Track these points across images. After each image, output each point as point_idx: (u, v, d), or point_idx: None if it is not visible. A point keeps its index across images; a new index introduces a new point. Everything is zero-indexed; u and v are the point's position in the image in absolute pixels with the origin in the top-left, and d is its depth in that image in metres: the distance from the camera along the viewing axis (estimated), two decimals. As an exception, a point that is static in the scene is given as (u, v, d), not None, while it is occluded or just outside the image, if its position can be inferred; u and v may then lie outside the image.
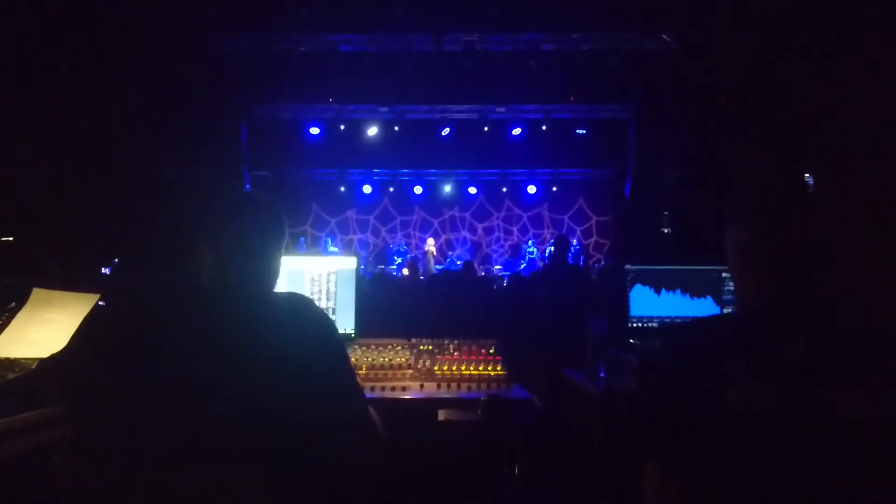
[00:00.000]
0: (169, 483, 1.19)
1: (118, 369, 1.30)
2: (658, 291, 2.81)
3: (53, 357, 1.81)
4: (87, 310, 2.21)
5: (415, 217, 13.28)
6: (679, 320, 2.77)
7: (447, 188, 12.97)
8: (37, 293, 2.18)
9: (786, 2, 6.16)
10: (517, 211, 13.30)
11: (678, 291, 2.80)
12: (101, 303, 2.29)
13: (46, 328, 2.15)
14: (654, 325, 2.79)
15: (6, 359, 2.03)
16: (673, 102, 8.55)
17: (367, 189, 12.82)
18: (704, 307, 2.76)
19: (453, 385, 2.31)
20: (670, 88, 8.51)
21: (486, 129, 10.70)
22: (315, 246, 12.31)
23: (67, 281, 2.44)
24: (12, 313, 2.11)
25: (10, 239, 3.01)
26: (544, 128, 10.62)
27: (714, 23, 7.25)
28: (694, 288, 2.79)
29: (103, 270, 5.79)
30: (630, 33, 8.45)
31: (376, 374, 2.36)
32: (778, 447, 1.15)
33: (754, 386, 1.17)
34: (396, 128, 10.71)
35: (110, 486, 1.19)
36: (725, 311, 2.71)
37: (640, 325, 2.80)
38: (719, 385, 1.19)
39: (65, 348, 1.52)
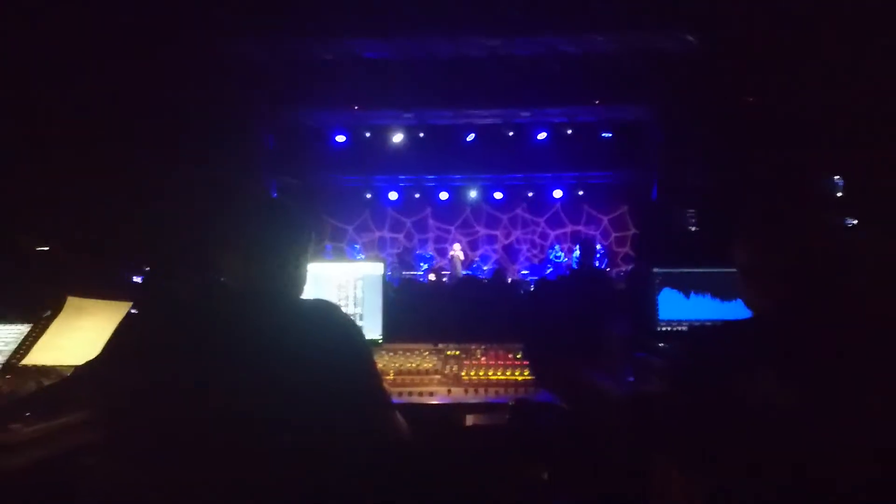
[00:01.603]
0: (197, 483, 1.20)
1: (150, 374, 1.33)
2: (687, 295, 2.78)
3: (88, 364, 1.84)
4: (119, 317, 2.25)
5: (440, 222, 13.29)
6: (709, 323, 2.73)
7: (472, 193, 12.96)
8: (71, 301, 2.23)
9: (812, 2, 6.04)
10: (543, 215, 13.20)
11: (707, 295, 2.77)
12: (133, 310, 2.33)
13: (80, 336, 2.20)
14: (684, 328, 2.76)
15: (42, 366, 2.08)
16: (698, 103, 8.43)
17: (392, 195, 12.87)
18: (734, 310, 2.72)
19: (480, 390, 2.30)
20: (695, 89, 8.40)
21: (510, 133, 10.69)
22: (342, 253, 12.36)
23: (100, 289, 2.49)
24: (47, 322, 2.16)
25: (46, 249, 3.08)
26: (569, 132, 10.57)
27: (739, 22, 7.14)
28: (723, 291, 2.75)
29: (135, 279, 5.89)
30: (654, 35, 8.36)
31: (403, 380, 2.37)
32: (799, 448, 1.16)
33: (776, 387, 1.19)
34: (421, 134, 10.74)
35: (142, 488, 1.21)
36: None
37: (668, 328, 2.77)
38: (743, 387, 1.22)
39: (99, 355, 1.55)
